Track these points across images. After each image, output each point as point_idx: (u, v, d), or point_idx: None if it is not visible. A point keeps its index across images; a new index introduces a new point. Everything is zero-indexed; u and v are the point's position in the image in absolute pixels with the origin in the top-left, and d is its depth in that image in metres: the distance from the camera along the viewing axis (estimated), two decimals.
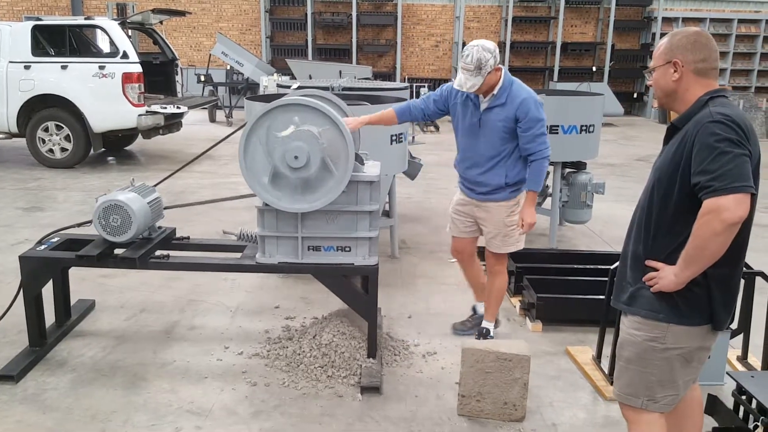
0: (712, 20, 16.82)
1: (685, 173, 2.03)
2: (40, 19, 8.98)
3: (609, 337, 3.44)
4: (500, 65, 3.43)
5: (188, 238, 3.94)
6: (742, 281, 3.35)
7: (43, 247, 3.62)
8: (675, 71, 2.13)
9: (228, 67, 14.70)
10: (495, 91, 3.46)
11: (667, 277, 2.09)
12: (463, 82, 3.38)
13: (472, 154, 3.63)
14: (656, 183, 2.18)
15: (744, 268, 3.39)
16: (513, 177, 3.57)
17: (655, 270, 2.15)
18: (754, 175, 1.99)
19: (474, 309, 4.11)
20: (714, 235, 1.93)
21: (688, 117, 2.11)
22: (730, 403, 2.80)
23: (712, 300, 2.10)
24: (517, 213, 3.62)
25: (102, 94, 8.51)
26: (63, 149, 8.78)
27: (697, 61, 2.10)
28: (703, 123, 2.01)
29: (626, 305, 2.25)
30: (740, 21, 16.87)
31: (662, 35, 16.50)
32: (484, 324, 3.88)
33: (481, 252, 4.00)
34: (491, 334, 3.84)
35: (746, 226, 2.06)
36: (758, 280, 3.42)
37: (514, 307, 4.41)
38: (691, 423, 2.45)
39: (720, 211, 1.90)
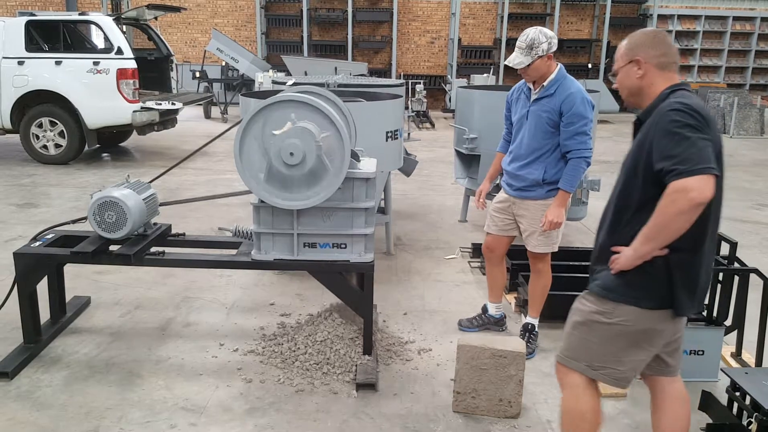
0: (707, 17, 16.87)
1: (649, 161, 2.07)
2: (34, 15, 8.95)
3: None
4: (558, 63, 3.49)
5: (184, 234, 3.93)
6: (736, 278, 3.40)
7: (37, 243, 3.60)
8: (639, 68, 2.19)
9: (223, 64, 14.66)
10: (545, 83, 3.48)
11: (625, 253, 2.13)
12: (512, 57, 3.45)
13: (516, 147, 3.64)
14: (623, 175, 2.23)
15: (738, 265, 3.43)
16: (551, 175, 3.51)
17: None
18: (717, 163, 2.01)
19: (485, 308, 4.08)
20: (679, 213, 1.95)
21: (652, 110, 2.16)
22: (724, 399, 2.81)
23: (673, 285, 2.12)
24: None
25: (96, 90, 8.49)
26: (57, 145, 8.75)
27: (659, 56, 2.17)
28: (663, 111, 2.06)
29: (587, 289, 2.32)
30: (735, 18, 16.93)
31: None
32: (529, 320, 3.83)
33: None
34: (536, 329, 3.81)
35: (711, 212, 2.08)
36: (752, 276, 3.42)
37: (510, 303, 4.42)
38: (672, 417, 2.41)
39: (687, 191, 1.92)
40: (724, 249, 3.51)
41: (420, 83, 13.49)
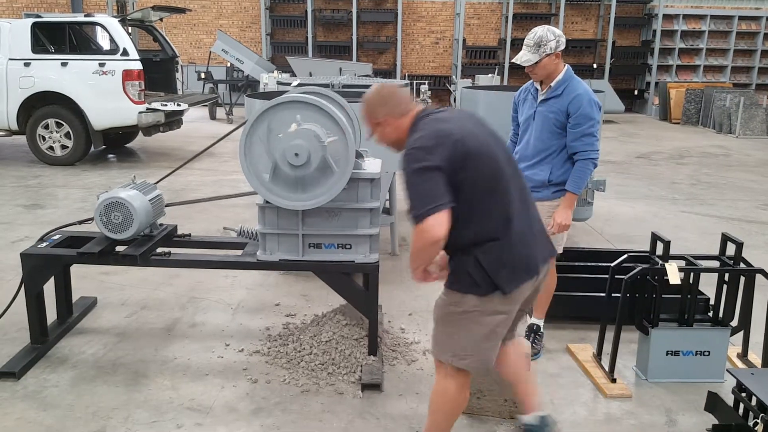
0: (713, 17, 16.81)
1: None
2: (40, 16, 8.98)
3: (610, 335, 3.45)
4: (566, 64, 3.48)
5: (189, 235, 3.94)
6: (742, 278, 3.39)
7: (44, 244, 3.62)
8: (386, 126, 2.46)
9: (228, 65, 14.68)
10: (553, 83, 3.47)
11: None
12: (520, 55, 3.44)
13: (523, 147, 3.64)
14: None
15: (744, 266, 3.42)
16: (557, 176, 3.50)
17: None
18: (471, 163, 2.23)
19: None
20: (423, 248, 2.26)
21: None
22: (730, 400, 2.81)
23: (487, 271, 2.31)
24: None
25: (102, 91, 8.51)
26: (63, 147, 8.78)
27: (393, 108, 2.44)
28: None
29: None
30: (741, 18, 16.85)
31: (663, 32, 16.56)
32: (534, 321, 3.80)
33: None
34: (541, 330, 3.80)
35: (506, 203, 2.30)
36: (759, 277, 3.41)
37: None
38: (516, 364, 2.75)
39: (423, 232, 2.20)
40: (730, 249, 3.50)
41: (425, 84, 13.48)
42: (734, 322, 3.47)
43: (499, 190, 2.30)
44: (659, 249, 3.47)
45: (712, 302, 3.56)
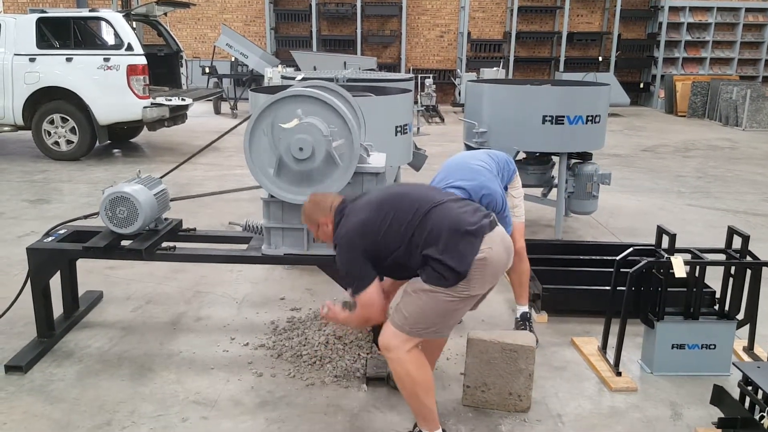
0: (719, 9, 16.69)
1: None
2: (45, 12, 8.98)
3: (615, 328, 3.44)
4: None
5: (194, 229, 3.95)
6: (749, 272, 3.37)
7: (50, 239, 3.63)
8: (324, 225, 2.75)
9: (232, 59, 14.68)
10: None
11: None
12: None
13: None
14: None
15: (750, 258, 3.40)
16: None
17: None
18: (383, 229, 2.55)
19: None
20: (367, 318, 2.66)
21: None
22: (736, 393, 2.80)
23: (447, 266, 2.48)
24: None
25: (107, 86, 8.53)
26: (69, 141, 8.81)
27: (326, 210, 2.75)
28: None
29: None
30: (748, 10, 16.73)
31: (669, 25, 16.49)
32: (521, 309, 3.81)
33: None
34: (530, 315, 3.82)
35: (422, 221, 2.55)
36: (765, 270, 3.40)
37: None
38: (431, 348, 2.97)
39: (361, 305, 2.60)
40: (736, 242, 3.48)
41: (429, 77, 13.45)
42: (740, 316, 3.46)
43: (418, 224, 2.54)
44: (665, 242, 3.45)
45: (718, 295, 3.54)
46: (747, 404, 2.71)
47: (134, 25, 9.53)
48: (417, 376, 2.59)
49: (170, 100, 8.99)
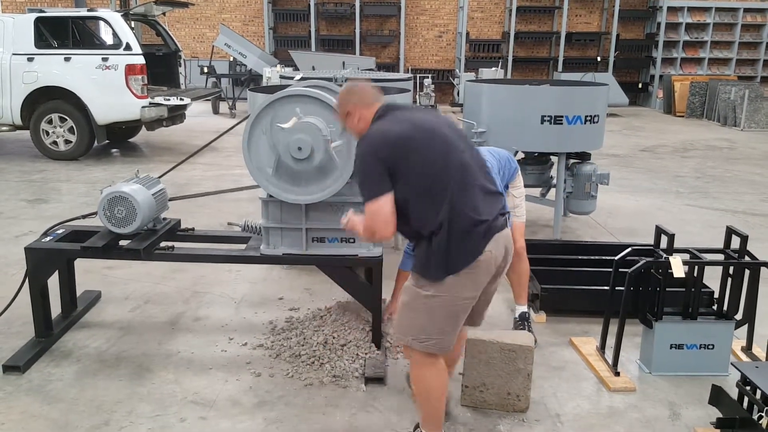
0: (718, 9, 16.70)
1: None
2: (43, 11, 8.96)
3: (613, 328, 3.44)
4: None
5: (193, 229, 3.95)
6: (747, 272, 3.38)
7: (48, 238, 3.63)
8: (353, 115, 2.61)
9: (231, 59, 14.67)
10: None
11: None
12: None
13: None
14: None
15: (749, 258, 3.40)
16: None
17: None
18: (413, 156, 2.37)
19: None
20: (371, 228, 2.44)
21: None
22: (734, 393, 2.80)
23: (439, 255, 2.40)
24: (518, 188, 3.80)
25: (105, 85, 8.51)
26: (67, 141, 8.79)
27: (360, 100, 2.61)
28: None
29: None
30: (746, 10, 16.74)
31: (667, 25, 16.50)
32: (520, 309, 3.82)
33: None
34: (529, 315, 3.83)
35: (452, 194, 2.38)
36: (763, 270, 3.40)
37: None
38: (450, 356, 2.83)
39: (368, 213, 2.41)
40: (735, 243, 3.48)
41: (428, 77, 13.45)
42: (739, 316, 3.46)
43: (444, 180, 2.40)
44: (663, 242, 3.46)
45: (716, 295, 3.54)
46: (745, 404, 2.72)
47: (132, 25, 9.51)
48: (433, 381, 2.59)
49: (168, 99, 8.98)
